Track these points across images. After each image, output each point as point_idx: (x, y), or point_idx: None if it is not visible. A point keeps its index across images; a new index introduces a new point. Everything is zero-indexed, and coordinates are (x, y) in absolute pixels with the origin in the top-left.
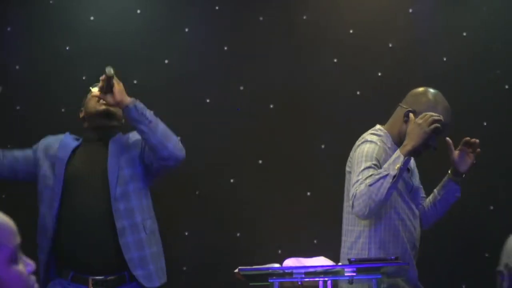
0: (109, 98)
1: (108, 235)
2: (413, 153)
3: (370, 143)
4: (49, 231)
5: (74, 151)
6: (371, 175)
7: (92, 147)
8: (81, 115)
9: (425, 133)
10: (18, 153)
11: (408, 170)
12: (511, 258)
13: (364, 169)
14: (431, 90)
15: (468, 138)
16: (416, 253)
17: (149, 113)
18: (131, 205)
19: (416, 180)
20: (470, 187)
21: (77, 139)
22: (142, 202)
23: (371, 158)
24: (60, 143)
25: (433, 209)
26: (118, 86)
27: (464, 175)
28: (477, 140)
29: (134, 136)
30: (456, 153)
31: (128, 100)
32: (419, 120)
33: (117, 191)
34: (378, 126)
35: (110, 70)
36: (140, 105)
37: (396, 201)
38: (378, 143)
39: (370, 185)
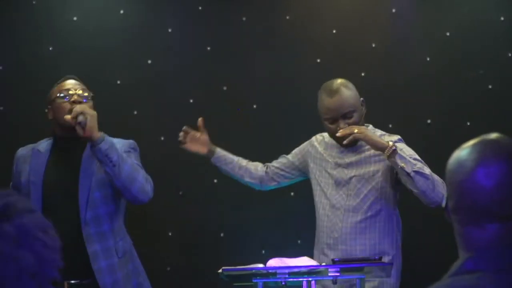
0: (79, 129)
1: (79, 258)
2: None
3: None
4: None
5: (47, 162)
6: None
7: (64, 159)
8: (50, 116)
9: None
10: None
11: (336, 162)
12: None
13: None
14: (324, 85)
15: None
16: (338, 243)
17: (115, 154)
18: (103, 229)
19: (350, 172)
20: None
21: (48, 145)
22: (114, 224)
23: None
24: (31, 158)
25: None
26: (90, 121)
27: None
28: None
29: None
30: None
31: (96, 136)
32: None
33: (87, 215)
34: None
35: (76, 111)
36: (106, 145)
37: (315, 189)
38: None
39: None
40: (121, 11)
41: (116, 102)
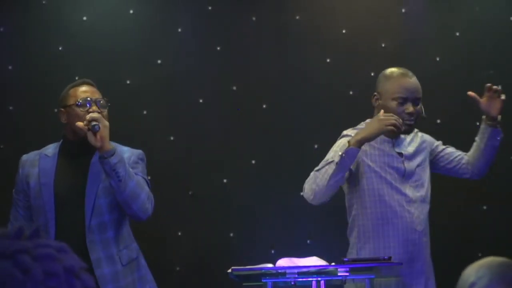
0: (90, 136)
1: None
2: (360, 143)
3: (343, 137)
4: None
5: (56, 165)
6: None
7: (73, 163)
8: (63, 119)
9: (380, 130)
10: (24, 211)
11: (401, 154)
12: None
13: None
14: (391, 68)
15: (489, 85)
16: (422, 236)
17: (123, 170)
18: (107, 236)
19: (414, 163)
20: (463, 187)
21: (54, 148)
22: (119, 232)
23: (335, 150)
24: (40, 161)
25: (481, 159)
26: (103, 131)
27: (498, 118)
28: (499, 88)
29: None
30: (483, 100)
31: (107, 148)
32: (381, 116)
33: (92, 222)
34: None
35: (94, 124)
36: (116, 159)
37: (381, 188)
38: (351, 135)
39: (316, 170)
40: (131, 11)
41: (126, 102)
